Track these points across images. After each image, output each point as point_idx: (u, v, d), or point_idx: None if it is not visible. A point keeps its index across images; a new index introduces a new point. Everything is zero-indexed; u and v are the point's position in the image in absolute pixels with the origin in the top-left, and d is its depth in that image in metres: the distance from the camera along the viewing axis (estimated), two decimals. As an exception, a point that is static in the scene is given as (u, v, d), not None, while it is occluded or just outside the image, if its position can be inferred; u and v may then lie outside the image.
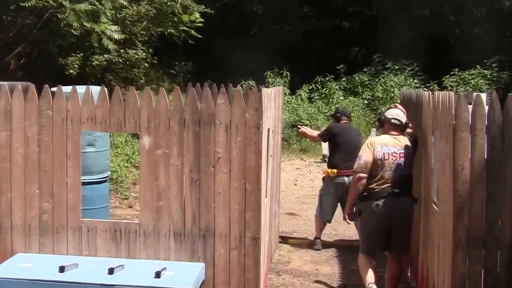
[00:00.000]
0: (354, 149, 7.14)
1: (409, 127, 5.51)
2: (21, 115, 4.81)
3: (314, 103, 17.72)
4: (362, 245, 5.45)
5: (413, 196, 5.37)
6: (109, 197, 7.64)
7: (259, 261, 4.69)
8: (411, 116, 5.74)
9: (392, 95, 17.35)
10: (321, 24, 20.56)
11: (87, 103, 4.76)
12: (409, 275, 6.28)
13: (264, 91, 4.75)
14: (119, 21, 12.64)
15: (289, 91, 17.73)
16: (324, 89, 18.28)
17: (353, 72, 19.27)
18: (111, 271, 4.34)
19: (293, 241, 7.68)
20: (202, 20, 14.88)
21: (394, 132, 5.37)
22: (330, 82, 18.39)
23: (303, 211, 9.35)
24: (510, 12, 19.52)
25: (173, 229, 4.71)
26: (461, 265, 4.25)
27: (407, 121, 5.46)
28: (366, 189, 5.26)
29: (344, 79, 19.05)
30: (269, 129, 5.41)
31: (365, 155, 5.24)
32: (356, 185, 5.30)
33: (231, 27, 20.82)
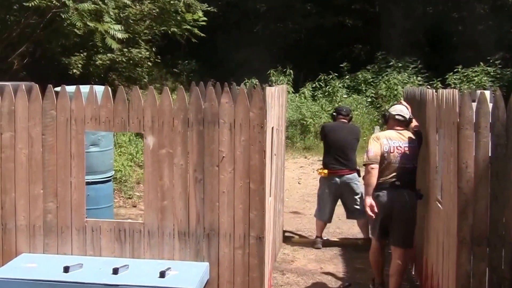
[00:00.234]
0: (343, 148, 7.13)
1: (414, 121, 5.58)
2: (25, 115, 4.81)
3: (317, 101, 17.67)
4: (372, 232, 5.82)
5: (416, 190, 5.42)
6: (113, 196, 7.64)
7: (264, 260, 4.69)
8: (415, 114, 5.75)
9: (395, 92, 17.30)
10: (324, 21, 20.52)
11: (91, 103, 4.76)
12: (413, 273, 6.27)
13: (268, 89, 4.74)
14: (122, 20, 12.65)
15: (292, 89, 17.71)
16: (327, 87, 18.22)
17: (356, 70, 19.22)
18: (115, 271, 4.34)
19: (297, 239, 7.68)
20: (205, 18, 14.86)
21: (398, 127, 5.52)
22: (333, 80, 18.32)
23: (307, 209, 9.34)
24: (513, 8, 19.48)
25: (178, 228, 4.70)
26: (466, 263, 4.25)
27: (411, 116, 5.57)
28: None
29: (347, 77, 19.00)
30: (273, 128, 5.40)
31: (374, 148, 5.38)
32: (369, 177, 5.37)
33: (234, 25, 20.81)
